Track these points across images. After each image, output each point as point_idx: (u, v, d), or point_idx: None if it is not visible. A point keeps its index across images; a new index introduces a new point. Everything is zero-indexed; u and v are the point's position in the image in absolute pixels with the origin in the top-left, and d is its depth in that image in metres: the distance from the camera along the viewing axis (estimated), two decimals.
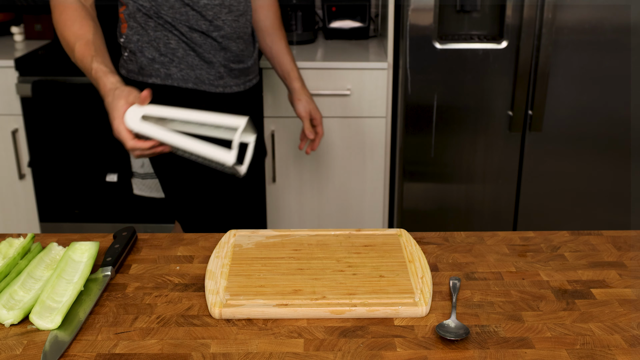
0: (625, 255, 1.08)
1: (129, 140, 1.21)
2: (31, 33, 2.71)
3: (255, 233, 1.13)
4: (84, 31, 1.37)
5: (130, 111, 1.21)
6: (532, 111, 2.25)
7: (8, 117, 2.41)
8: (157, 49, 1.55)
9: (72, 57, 1.38)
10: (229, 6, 1.55)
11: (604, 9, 2.15)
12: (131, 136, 1.21)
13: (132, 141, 1.21)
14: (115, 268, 1.03)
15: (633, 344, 0.86)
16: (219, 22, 1.53)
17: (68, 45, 1.37)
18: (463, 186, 2.38)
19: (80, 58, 1.34)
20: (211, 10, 1.51)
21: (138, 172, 2.38)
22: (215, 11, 1.52)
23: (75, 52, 1.35)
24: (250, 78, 1.68)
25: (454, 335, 0.86)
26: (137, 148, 1.21)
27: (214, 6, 1.52)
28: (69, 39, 1.37)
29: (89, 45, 1.35)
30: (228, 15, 1.55)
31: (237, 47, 1.59)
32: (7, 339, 0.87)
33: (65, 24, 1.38)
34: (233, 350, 0.85)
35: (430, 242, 1.13)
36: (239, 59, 1.61)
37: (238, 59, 1.61)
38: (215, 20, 1.53)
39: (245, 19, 1.60)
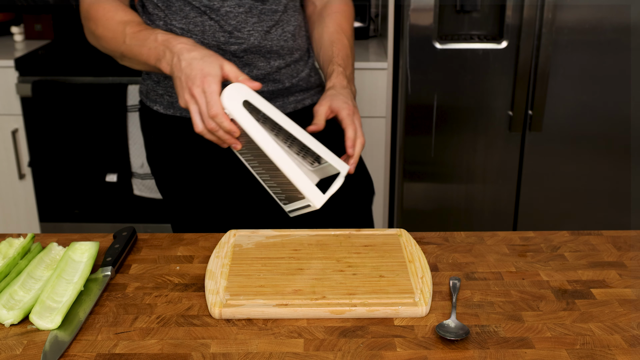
0: (625, 255, 1.08)
1: (225, 118, 1.03)
2: (31, 33, 2.71)
3: (255, 233, 1.13)
4: (131, 17, 1.23)
5: (233, 89, 1.04)
6: (532, 111, 2.25)
7: (8, 117, 2.41)
8: None
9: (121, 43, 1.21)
10: (259, 14, 1.30)
11: (604, 9, 2.16)
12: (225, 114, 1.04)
13: (229, 122, 1.04)
14: (115, 268, 1.03)
15: (633, 344, 0.86)
16: (241, 34, 1.29)
17: (115, 34, 1.22)
18: (463, 186, 2.38)
19: (136, 36, 1.18)
20: (234, 19, 1.28)
21: (138, 172, 2.38)
22: (239, 20, 1.28)
23: (128, 34, 1.19)
24: (299, 99, 1.41)
25: (454, 335, 0.86)
26: (229, 132, 1.04)
27: (238, 14, 1.29)
28: (115, 27, 1.22)
29: (140, 25, 1.20)
30: (256, 25, 1.30)
31: (268, 64, 1.34)
32: (7, 339, 0.87)
33: (105, 16, 1.24)
34: (233, 350, 0.85)
35: (430, 242, 1.13)
36: (272, 78, 1.35)
37: (269, 78, 1.35)
38: (237, 31, 1.29)
39: (282, 30, 1.34)
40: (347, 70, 1.35)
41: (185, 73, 1.06)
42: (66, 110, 2.32)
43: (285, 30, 1.35)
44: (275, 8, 1.32)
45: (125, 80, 2.32)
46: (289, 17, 1.36)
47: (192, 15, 1.28)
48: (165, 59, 1.11)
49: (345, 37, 1.40)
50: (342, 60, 1.36)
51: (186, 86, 1.06)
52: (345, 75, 1.33)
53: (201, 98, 1.04)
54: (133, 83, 2.30)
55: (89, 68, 2.34)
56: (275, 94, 1.37)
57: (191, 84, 1.05)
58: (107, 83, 2.31)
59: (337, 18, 1.42)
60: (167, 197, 1.46)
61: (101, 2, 1.25)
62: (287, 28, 1.35)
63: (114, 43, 1.22)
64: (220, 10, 1.27)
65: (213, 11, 1.27)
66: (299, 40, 1.39)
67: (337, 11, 1.44)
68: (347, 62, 1.37)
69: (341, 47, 1.38)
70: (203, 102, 1.04)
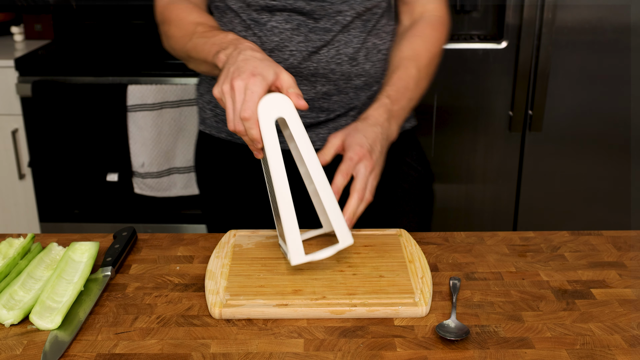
0: (625, 255, 1.08)
1: (255, 125, 0.94)
2: (31, 33, 2.71)
3: (255, 233, 1.13)
4: (205, 19, 1.16)
5: (273, 99, 0.94)
6: (532, 111, 2.25)
7: (8, 117, 2.41)
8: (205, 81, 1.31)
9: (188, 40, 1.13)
10: (307, 33, 1.17)
11: (604, 9, 2.16)
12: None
13: (257, 130, 0.94)
14: (115, 268, 1.03)
15: (633, 344, 0.86)
16: (282, 53, 1.18)
17: (186, 32, 1.15)
18: (463, 186, 2.38)
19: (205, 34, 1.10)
20: (277, 35, 1.17)
21: (139, 171, 2.38)
22: (283, 37, 1.17)
23: (197, 32, 1.12)
24: None
25: (454, 335, 0.86)
26: (253, 139, 0.96)
27: (283, 31, 1.17)
28: (186, 27, 1.15)
29: (215, 27, 1.14)
30: (301, 44, 1.17)
31: (313, 89, 1.21)
32: (7, 339, 0.87)
33: (179, 16, 1.17)
34: (233, 350, 0.85)
35: (430, 242, 1.13)
36: (317, 105, 1.22)
37: (313, 105, 1.22)
38: (278, 50, 1.18)
39: (336, 52, 1.19)
40: (395, 104, 1.15)
41: (237, 65, 0.96)
42: (66, 110, 2.32)
43: (341, 52, 1.20)
44: (330, 27, 1.18)
45: (125, 80, 2.32)
46: (350, 37, 1.20)
47: (237, 30, 1.21)
48: (225, 51, 1.01)
49: (414, 66, 1.20)
50: (395, 92, 1.16)
51: (230, 77, 0.95)
52: (389, 109, 1.14)
53: (240, 95, 0.94)
54: (133, 83, 2.30)
55: (89, 68, 2.34)
56: (321, 123, 1.25)
57: (237, 75, 0.94)
58: (107, 83, 2.31)
59: (416, 42, 1.24)
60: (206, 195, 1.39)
61: (176, 3, 1.20)
62: (344, 50, 1.20)
63: (182, 41, 1.15)
64: (266, 25, 1.17)
65: (258, 25, 1.18)
66: (364, 65, 1.23)
67: (419, 35, 1.25)
68: (400, 95, 1.17)
69: (403, 77, 1.18)
70: (240, 99, 0.94)
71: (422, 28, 1.26)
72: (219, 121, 1.30)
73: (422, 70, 1.21)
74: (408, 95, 1.18)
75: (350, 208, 1.01)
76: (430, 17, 1.27)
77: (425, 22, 1.27)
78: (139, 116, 2.30)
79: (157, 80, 2.32)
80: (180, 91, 2.29)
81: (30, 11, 2.71)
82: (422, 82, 1.22)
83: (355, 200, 1.02)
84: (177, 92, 2.29)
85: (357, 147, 1.04)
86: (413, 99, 1.20)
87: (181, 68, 2.31)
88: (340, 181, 1.03)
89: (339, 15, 1.19)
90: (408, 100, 1.18)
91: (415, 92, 1.20)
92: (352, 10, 1.19)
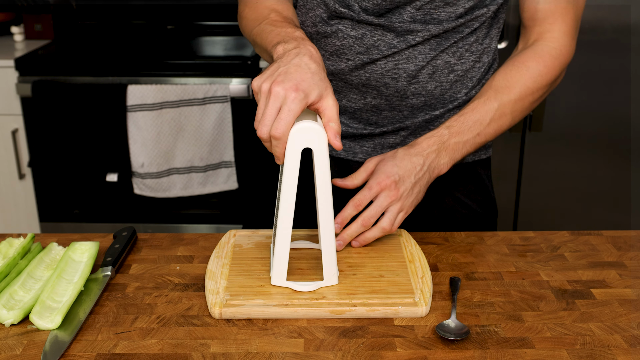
0: (625, 255, 1.08)
1: (282, 146, 0.88)
2: (31, 33, 2.71)
3: (255, 233, 1.13)
4: (282, 7, 1.09)
5: (308, 129, 0.88)
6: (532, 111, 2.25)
7: (8, 117, 2.41)
8: None
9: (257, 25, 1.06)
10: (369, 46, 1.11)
11: (604, 9, 2.16)
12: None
13: (282, 151, 0.88)
14: (115, 268, 1.03)
15: (633, 344, 0.86)
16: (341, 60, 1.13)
17: (258, 16, 1.08)
18: None
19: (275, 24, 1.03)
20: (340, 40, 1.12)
21: (138, 171, 2.38)
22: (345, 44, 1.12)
23: (269, 19, 1.04)
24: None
25: (454, 335, 0.86)
26: (276, 156, 0.90)
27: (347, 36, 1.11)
28: (261, 11, 1.08)
29: (288, 18, 1.06)
30: (360, 56, 1.11)
31: (363, 99, 1.15)
32: (7, 339, 0.87)
33: (257, 0, 1.10)
34: (233, 350, 0.85)
35: (430, 242, 1.13)
36: (363, 117, 1.16)
37: (358, 116, 1.16)
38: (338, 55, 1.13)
39: (395, 65, 1.11)
40: (453, 137, 1.04)
41: (287, 68, 0.88)
42: (66, 110, 2.32)
43: (400, 66, 1.11)
44: (395, 44, 1.10)
45: (125, 80, 2.32)
46: (415, 53, 1.12)
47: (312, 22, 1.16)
48: (284, 45, 0.93)
49: (498, 100, 1.07)
50: (460, 124, 1.05)
51: (274, 78, 0.87)
52: (443, 142, 1.04)
53: (275, 103, 0.86)
54: (133, 83, 2.30)
55: (89, 68, 2.34)
56: (366, 136, 1.19)
57: (280, 81, 0.86)
58: (107, 83, 2.31)
59: (510, 73, 1.10)
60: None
61: None
62: (405, 65, 1.11)
63: (251, 25, 1.09)
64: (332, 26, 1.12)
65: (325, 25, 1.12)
66: (427, 84, 1.13)
67: (517, 64, 1.10)
68: (466, 128, 1.05)
69: (479, 109, 1.07)
70: (273, 110, 0.86)
71: (525, 58, 1.11)
72: None
73: (507, 106, 1.08)
74: (476, 130, 1.06)
75: (348, 231, 1.01)
76: (542, 47, 1.11)
77: (532, 52, 1.11)
78: (138, 116, 2.30)
79: (157, 80, 2.32)
80: (180, 91, 2.29)
81: (30, 11, 2.71)
82: (504, 119, 1.08)
83: (356, 226, 1.01)
84: (177, 92, 2.29)
85: (382, 175, 0.99)
86: (482, 135, 1.07)
87: (181, 68, 2.31)
88: (348, 211, 0.99)
89: (409, 34, 1.10)
90: (474, 135, 1.06)
91: (489, 128, 1.07)
92: (427, 33, 1.09)
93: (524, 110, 1.11)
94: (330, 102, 0.89)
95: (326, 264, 0.96)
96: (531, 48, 1.12)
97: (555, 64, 1.11)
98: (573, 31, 1.13)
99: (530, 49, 1.12)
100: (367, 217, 1.00)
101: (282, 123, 0.86)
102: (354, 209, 1.01)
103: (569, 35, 1.12)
